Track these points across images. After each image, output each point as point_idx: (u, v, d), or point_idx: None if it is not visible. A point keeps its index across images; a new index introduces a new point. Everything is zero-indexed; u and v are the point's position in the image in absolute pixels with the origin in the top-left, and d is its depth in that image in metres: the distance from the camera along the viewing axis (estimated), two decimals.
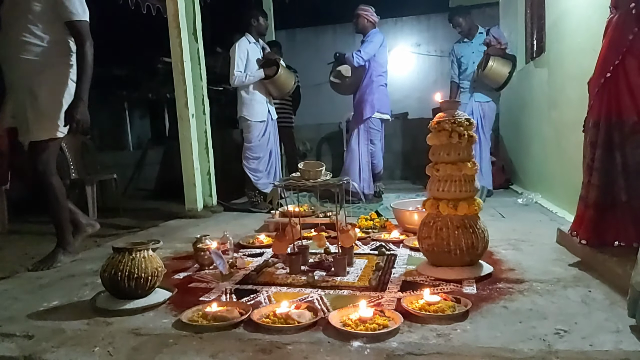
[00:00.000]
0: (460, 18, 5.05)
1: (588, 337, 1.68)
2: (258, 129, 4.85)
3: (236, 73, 4.70)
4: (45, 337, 1.88)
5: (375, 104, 4.99)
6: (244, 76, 4.72)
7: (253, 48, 4.82)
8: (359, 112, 5.04)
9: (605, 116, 2.43)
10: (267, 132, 4.93)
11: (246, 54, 4.75)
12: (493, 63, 4.76)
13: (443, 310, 1.90)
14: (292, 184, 2.69)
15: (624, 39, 2.32)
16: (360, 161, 5.04)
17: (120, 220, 5.00)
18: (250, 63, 4.76)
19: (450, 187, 2.40)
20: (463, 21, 5.04)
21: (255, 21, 4.85)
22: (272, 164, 5.00)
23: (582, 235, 2.56)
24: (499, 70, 4.80)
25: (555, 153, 4.22)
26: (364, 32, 5.01)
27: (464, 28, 5.07)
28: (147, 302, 2.15)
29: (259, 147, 4.86)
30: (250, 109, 4.81)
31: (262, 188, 4.87)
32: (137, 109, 11.17)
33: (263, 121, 4.88)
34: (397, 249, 3.04)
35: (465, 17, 5.06)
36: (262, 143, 4.89)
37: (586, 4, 3.45)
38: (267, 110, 4.92)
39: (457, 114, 2.43)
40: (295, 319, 1.87)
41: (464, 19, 5.04)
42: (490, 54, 4.81)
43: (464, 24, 5.05)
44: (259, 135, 4.86)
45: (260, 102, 4.85)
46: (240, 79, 4.72)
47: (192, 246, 2.85)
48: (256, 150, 4.86)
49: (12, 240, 4.27)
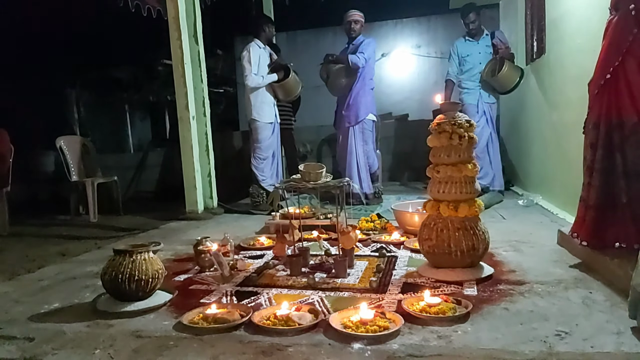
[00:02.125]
0: (474, 14, 5.00)
1: (589, 339, 1.68)
2: (268, 130, 5.02)
3: (252, 75, 4.86)
4: (45, 340, 1.88)
5: (368, 105, 5.06)
6: (261, 78, 4.89)
7: (262, 53, 5.01)
8: (353, 114, 5.05)
9: (606, 117, 2.43)
10: (274, 134, 5.12)
11: (258, 58, 4.92)
12: (507, 68, 4.76)
13: (444, 312, 1.90)
14: (293, 186, 2.70)
15: (623, 40, 2.33)
16: (358, 162, 5.07)
17: (121, 222, 5.01)
18: (260, 67, 4.93)
19: (450, 188, 2.40)
20: (477, 19, 5.00)
21: (266, 28, 5.08)
22: (275, 166, 5.16)
23: (582, 237, 2.55)
24: (510, 75, 4.82)
25: (556, 154, 4.22)
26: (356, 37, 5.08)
27: (476, 25, 5.02)
28: (147, 304, 2.15)
29: (268, 147, 5.04)
30: (260, 110, 4.97)
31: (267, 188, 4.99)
32: (138, 111, 11.19)
33: (271, 122, 5.05)
34: (398, 251, 3.04)
35: (478, 14, 5.02)
36: (272, 143, 5.07)
37: (586, 6, 3.45)
38: (274, 112, 5.10)
39: (458, 116, 2.43)
40: (296, 321, 1.87)
41: (477, 16, 5.01)
42: (505, 57, 4.81)
43: (477, 21, 5.01)
44: (267, 136, 5.03)
45: (268, 105, 5.03)
46: (257, 80, 4.88)
47: (193, 248, 2.85)
48: (266, 150, 5.02)
49: (12, 242, 4.28)
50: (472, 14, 5.00)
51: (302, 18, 8.55)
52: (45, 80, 9.03)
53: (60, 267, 3.09)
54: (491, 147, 5.04)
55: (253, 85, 4.88)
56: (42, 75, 8.94)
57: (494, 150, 5.07)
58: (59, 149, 5.51)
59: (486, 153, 4.98)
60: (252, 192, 4.96)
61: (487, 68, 4.95)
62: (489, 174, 5.00)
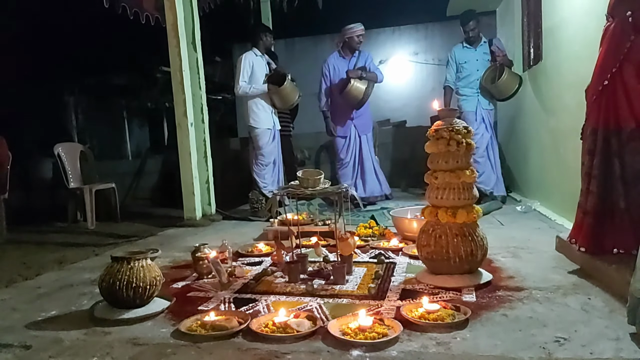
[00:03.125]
0: (473, 22, 5.02)
1: (588, 345, 1.68)
2: (267, 135, 5.08)
3: (241, 82, 4.96)
4: (43, 347, 1.87)
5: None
6: (248, 87, 4.97)
7: (259, 61, 5.08)
8: (367, 123, 5.47)
9: (603, 124, 2.43)
10: (275, 141, 5.18)
11: (251, 66, 5.00)
12: (506, 75, 4.78)
13: (442, 319, 1.90)
14: (291, 192, 2.70)
15: (621, 46, 2.34)
16: (374, 167, 5.48)
17: (119, 229, 5.00)
18: (254, 75, 5.01)
19: (449, 194, 2.40)
20: (476, 26, 5.02)
21: (264, 36, 5.17)
22: (276, 173, 5.22)
23: (581, 243, 2.55)
24: (509, 82, 4.84)
25: (554, 160, 4.23)
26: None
27: (475, 33, 5.05)
28: (145, 311, 2.14)
29: (270, 153, 5.11)
30: (256, 117, 5.06)
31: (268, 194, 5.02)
32: (136, 117, 11.20)
33: (270, 129, 5.11)
34: (396, 257, 3.04)
35: (477, 21, 5.05)
36: (273, 149, 5.14)
37: (583, 12, 3.47)
38: (272, 119, 5.16)
39: (455, 122, 2.44)
40: (295, 328, 1.86)
41: (476, 23, 5.04)
42: (505, 64, 4.84)
43: (477, 29, 5.04)
44: (269, 141, 5.09)
45: (265, 111, 5.10)
46: (245, 89, 4.97)
47: (191, 255, 2.84)
48: (267, 156, 5.10)
49: (10, 249, 4.27)
50: (473, 22, 5.03)
51: (300, 25, 8.59)
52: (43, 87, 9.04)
53: (58, 274, 3.08)
54: (491, 153, 5.06)
55: (240, 93, 5.02)
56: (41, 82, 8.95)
57: (495, 156, 5.09)
58: (57, 155, 5.51)
59: (487, 158, 5.00)
60: (252, 198, 4.97)
61: (486, 74, 4.97)
62: (491, 178, 5.01)
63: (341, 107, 5.33)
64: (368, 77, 5.15)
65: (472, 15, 5.08)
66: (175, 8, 4.60)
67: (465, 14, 5.15)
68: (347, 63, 5.29)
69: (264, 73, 5.09)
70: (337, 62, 5.33)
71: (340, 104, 5.31)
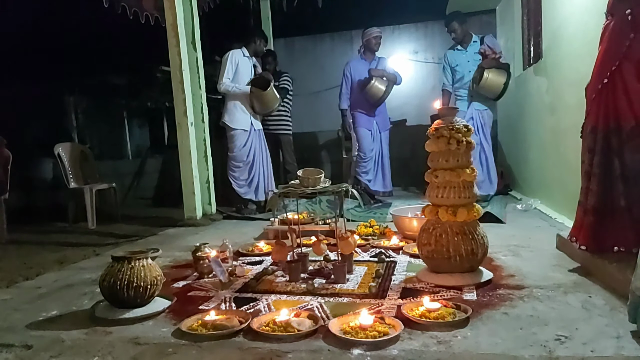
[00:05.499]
0: (456, 23, 5.07)
1: (589, 343, 1.68)
2: (240, 139, 5.05)
3: (225, 79, 4.94)
4: (44, 347, 1.87)
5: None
6: (231, 86, 4.95)
7: (245, 61, 5.08)
8: (386, 120, 5.65)
9: (603, 122, 2.43)
10: (250, 142, 5.11)
11: (236, 64, 4.99)
12: (488, 75, 4.80)
13: (443, 317, 1.90)
14: (291, 192, 2.69)
15: (620, 44, 2.34)
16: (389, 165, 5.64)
17: (119, 228, 5.00)
18: (238, 74, 5.00)
19: (449, 193, 2.40)
20: (459, 27, 5.08)
21: (257, 40, 5.17)
22: (255, 176, 5.16)
23: (581, 241, 2.55)
24: (494, 81, 4.84)
25: (554, 159, 4.23)
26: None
27: (459, 35, 5.10)
28: (146, 311, 2.14)
29: (239, 156, 5.08)
30: (231, 115, 5.04)
31: (243, 195, 5.11)
32: (136, 117, 11.18)
33: (245, 130, 5.07)
34: (397, 256, 3.04)
35: (461, 23, 5.08)
36: (243, 153, 5.09)
37: (583, 10, 3.47)
38: (249, 120, 5.10)
39: (455, 121, 2.44)
40: (295, 327, 1.86)
41: (459, 26, 5.07)
42: (484, 66, 4.85)
43: (460, 30, 5.08)
44: (241, 145, 5.06)
45: (242, 111, 5.06)
46: (227, 86, 4.95)
47: (192, 254, 2.85)
48: (237, 159, 5.08)
49: (11, 249, 4.27)
50: (454, 23, 5.11)
51: (300, 24, 8.57)
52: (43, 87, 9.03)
53: (59, 274, 3.08)
54: (483, 155, 5.03)
55: (222, 90, 4.99)
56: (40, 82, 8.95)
57: (487, 155, 5.04)
58: (57, 155, 5.51)
59: (478, 161, 4.92)
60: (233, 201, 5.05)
61: (473, 77, 4.99)
62: (485, 182, 4.99)
63: (363, 104, 5.46)
64: (389, 77, 5.34)
65: (454, 17, 5.16)
66: (175, 8, 4.59)
67: (448, 16, 5.28)
68: (368, 65, 5.45)
69: (249, 75, 5.08)
70: (358, 64, 5.53)
71: (362, 101, 5.46)
